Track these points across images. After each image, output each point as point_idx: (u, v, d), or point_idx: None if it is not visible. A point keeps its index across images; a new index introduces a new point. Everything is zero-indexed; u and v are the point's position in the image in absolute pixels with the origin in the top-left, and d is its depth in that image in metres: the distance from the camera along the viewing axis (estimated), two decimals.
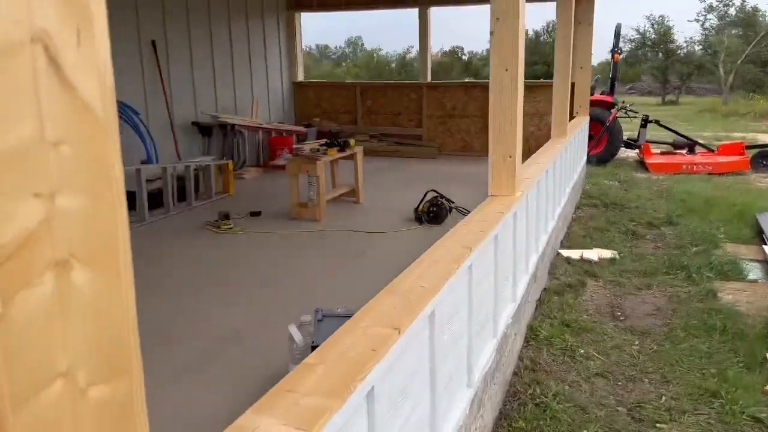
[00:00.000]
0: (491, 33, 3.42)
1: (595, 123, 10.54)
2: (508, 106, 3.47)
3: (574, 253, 6.10)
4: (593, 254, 6.06)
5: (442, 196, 5.97)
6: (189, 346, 3.49)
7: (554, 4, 6.39)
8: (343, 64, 42.82)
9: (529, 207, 4.14)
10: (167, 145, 7.85)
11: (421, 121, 10.21)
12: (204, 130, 8.29)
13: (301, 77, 10.91)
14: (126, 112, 7.19)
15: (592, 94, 11.31)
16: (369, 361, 1.56)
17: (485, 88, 3.56)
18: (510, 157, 3.54)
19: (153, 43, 7.63)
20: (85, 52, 0.67)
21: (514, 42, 3.37)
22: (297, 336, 2.56)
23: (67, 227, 0.67)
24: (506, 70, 3.44)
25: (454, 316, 2.40)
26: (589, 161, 10.17)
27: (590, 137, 10.41)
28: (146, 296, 4.08)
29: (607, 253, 6.11)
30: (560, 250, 6.16)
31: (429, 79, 10.18)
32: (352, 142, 6.47)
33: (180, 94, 8.14)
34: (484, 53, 36.33)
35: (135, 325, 0.78)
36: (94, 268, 0.70)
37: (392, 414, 1.77)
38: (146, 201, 5.76)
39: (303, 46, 10.95)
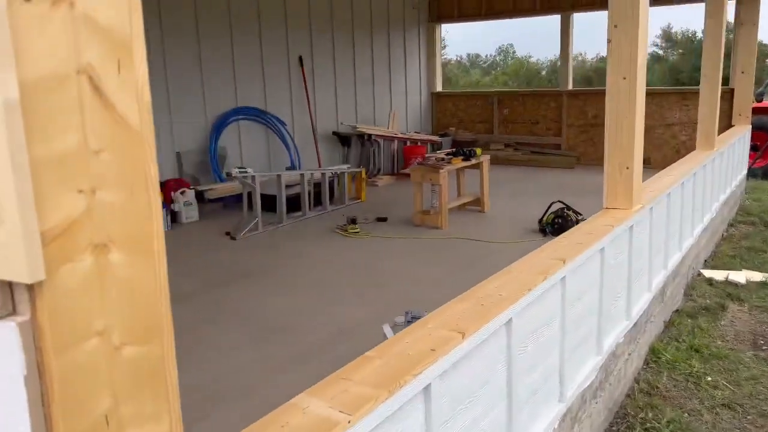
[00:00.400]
0: (608, 41, 3.32)
1: (761, 132, 9.56)
2: (624, 115, 3.34)
3: (718, 274, 5.61)
4: (740, 276, 5.53)
5: (568, 208, 5.80)
6: (304, 340, 3.76)
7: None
8: (492, 72, 42.50)
9: (654, 222, 3.92)
10: (310, 154, 8.41)
11: (560, 130, 9.94)
12: (343, 139, 8.75)
13: (439, 88, 11.10)
14: (273, 123, 7.82)
15: (759, 101, 10.26)
16: (425, 359, 1.64)
17: None
18: (627, 168, 3.40)
19: (300, 58, 8.23)
20: (124, 78, 0.85)
21: (633, 49, 3.25)
22: (389, 334, 2.69)
23: (106, 217, 0.85)
24: (624, 78, 3.32)
25: (541, 328, 2.39)
26: (753, 174, 9.25)
27: (755, 148, 9.46)
28: (273, 292, 4.44)
29: (757, 276, 5.55)
30: (702, 270, 5.71)
31: (570, 86, 9.87)
32: (478, 151, 6.49)
33: (323, 105, 8.67)
34: None
35: (167, 299, 0.95)
36: (129, 251, 0.88)
37: (455, 415, 1.82)
38: (285, 204, 6.23)
39: (453, 56, 11.12)
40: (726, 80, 8.26)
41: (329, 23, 8.63)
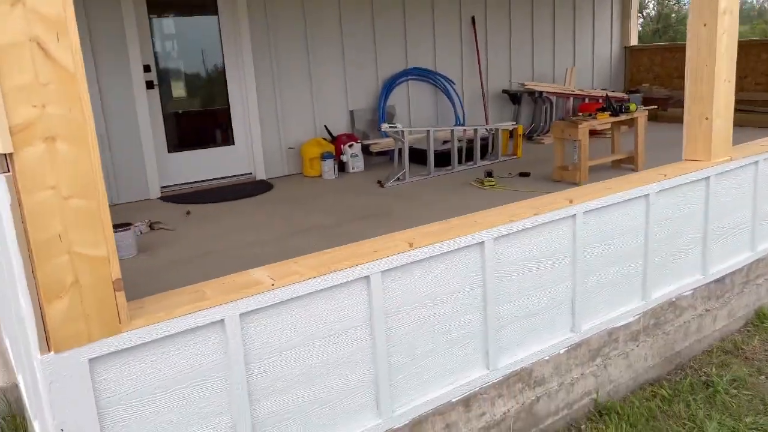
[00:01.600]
0: None
1: None
2: (704, 64, 3.22)
3: None
4: None
5: None
6: None
7: None
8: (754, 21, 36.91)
9: (757, 178, 3.65)
10: (478, 112, 8.74)
11: None
12: (513, 98, 8.88)
13: (634, 41, 10.46)
14: (441, 82, 8.31)
15: None
16: (365, 256, 2.12)
17: None
18: (706, 119, 3.28)
19: (472, 19, 8.53)
20: (62, 43, 1.50)
21: None
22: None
23: (53, 121, 1.52)
24: (704, 25, 3.19)
25: (538, 260, 2.63)
26: None
27: None
28: (387, 227, 5.04)
29: None
30: None
31: None
32: (632, 106, 6.22)
33: (495, 64, 8.88)
34: None
35: (99, 173, 1.61)
36: (69, 142, 1.55)
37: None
38: (433, 158, 6.75)
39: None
40: None
41: None
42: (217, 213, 5.71)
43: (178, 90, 6.86)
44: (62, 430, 1.61)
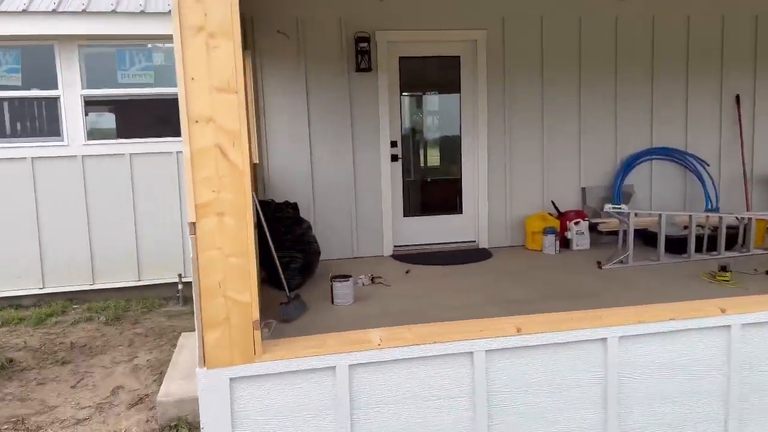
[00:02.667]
0: None
1: None
2: None
3: None
4: None
5: None
6: None
7: None
8: None
9: None
10: (738, 198, 7.91)
11: None
12: None
13: None
14: (690, 163, 7.77)
15: None
16: (469, 332, 2.35)
17: None
18: None
19: (737, 97, 7.85)
20: (236, 149, 2.14)
21: None
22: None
23: (224, 202, 2.15)
24: None
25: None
26: None
27: None
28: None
29: None
30: None
31: None
32: None
33: (763, 148, 7.98)
34: None
35: (252, 239, 2.18)
36: (233, 217, 2.17)
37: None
38: (663, 244, 6.36)
39: None
40: None
41: None
42: (432, 275, 6.24)
43: (419, 161, 7.68)
44: (203, 428, 2.19)
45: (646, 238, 7.01)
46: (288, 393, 2.23)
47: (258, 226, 4.96)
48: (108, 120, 8.52)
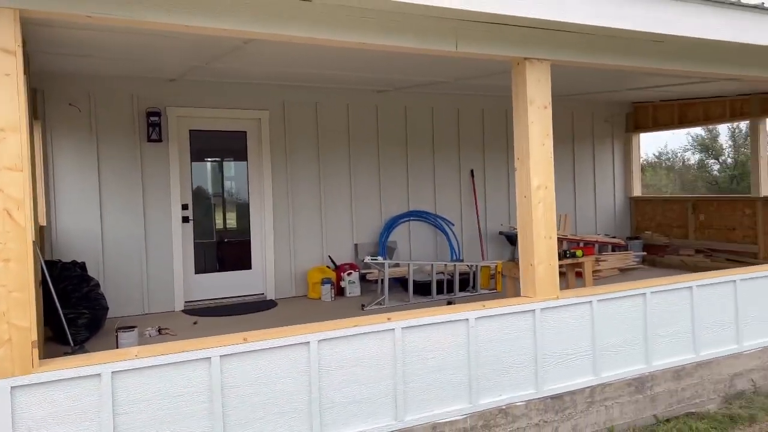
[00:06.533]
0: (515, 169, 4.34)
1: None
2: (527, 225, 4.26)
3: None
4: None
5: None
6: None
7: None
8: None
9: (577, 314, 4.47)
10: (476, 251, 9.81)
11: (756, 237, 9.32)
12: (510, 238, 9.91)
13: (637, 192, 11.34)
14: (439, 223, 9.53)
15: None
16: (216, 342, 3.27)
17: None
18: (531, 265, 4.26)
19: (471, 172, 9.87)
20: (21, 211, 2.89)
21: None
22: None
23: (10, 251, 2.87)
24: (524, 197, 4.27)
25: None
26: None
27: None
28: None
29: None
30: None
31: (761, 193, 9.28)
32: (578, 253, 7.09)
33: (493, 210, 10.05)
34: None
35: (32, 279, 2.91)
36: (17, 262, 2.89)
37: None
38: (412, 288, 7.84)
39: (642, 161, 11.38)
40: None
41: (503, 143, 10.08)
42: (219, 324, 6.99)
43: (209, 223, 8.49)
44: None
45: (403, 283, 8.47)
46: (62, 397, 2.94)
47: (43, 282, 5.40)
48: None
